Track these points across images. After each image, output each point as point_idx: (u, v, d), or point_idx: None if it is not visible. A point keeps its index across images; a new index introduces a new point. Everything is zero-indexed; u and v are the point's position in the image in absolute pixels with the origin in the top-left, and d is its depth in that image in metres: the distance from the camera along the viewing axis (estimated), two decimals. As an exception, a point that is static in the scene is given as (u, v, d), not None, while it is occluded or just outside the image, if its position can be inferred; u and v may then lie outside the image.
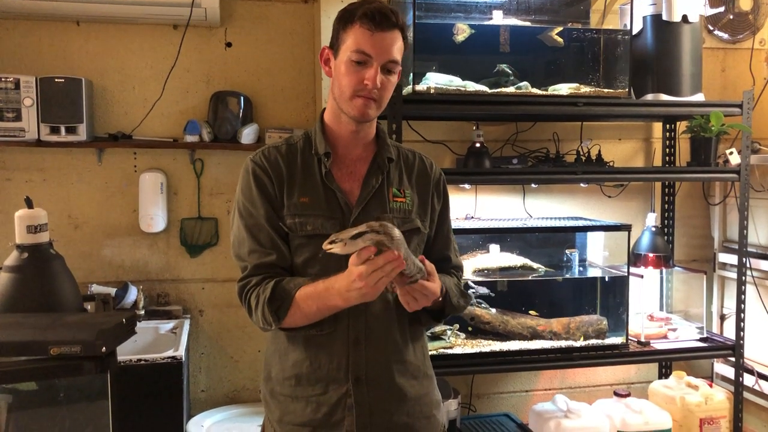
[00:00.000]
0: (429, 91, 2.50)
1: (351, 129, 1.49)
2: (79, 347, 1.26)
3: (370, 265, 1.25)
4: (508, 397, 3.13)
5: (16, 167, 2.72)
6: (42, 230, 1.56)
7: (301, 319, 1.41)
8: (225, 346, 2.93)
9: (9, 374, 1.28)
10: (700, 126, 2.75)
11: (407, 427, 1.50)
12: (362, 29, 1.39)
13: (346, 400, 1.44)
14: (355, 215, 1.46)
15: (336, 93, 1.47)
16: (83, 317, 1.44)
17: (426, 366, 1.58)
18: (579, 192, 3.07)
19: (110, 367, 1.31)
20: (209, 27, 2.84)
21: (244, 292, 1.45)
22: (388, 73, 1.43)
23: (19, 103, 2.55)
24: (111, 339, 1.34)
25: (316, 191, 1.47)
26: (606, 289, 2.85)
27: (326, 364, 1.45)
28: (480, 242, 2.78)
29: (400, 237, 1.28)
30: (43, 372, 1.29)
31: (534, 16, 2.79)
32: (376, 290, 1.27)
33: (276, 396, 1.51)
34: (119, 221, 2.81)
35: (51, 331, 1.30)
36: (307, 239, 1.43)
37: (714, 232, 3.20)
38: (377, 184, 1.50)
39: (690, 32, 2.73)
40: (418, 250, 1.54)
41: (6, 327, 1.34)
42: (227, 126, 2.78)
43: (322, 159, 1.48)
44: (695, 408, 2.78)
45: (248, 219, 1.46)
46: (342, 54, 1.43)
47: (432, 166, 1.61)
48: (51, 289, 1.49)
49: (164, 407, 2.39)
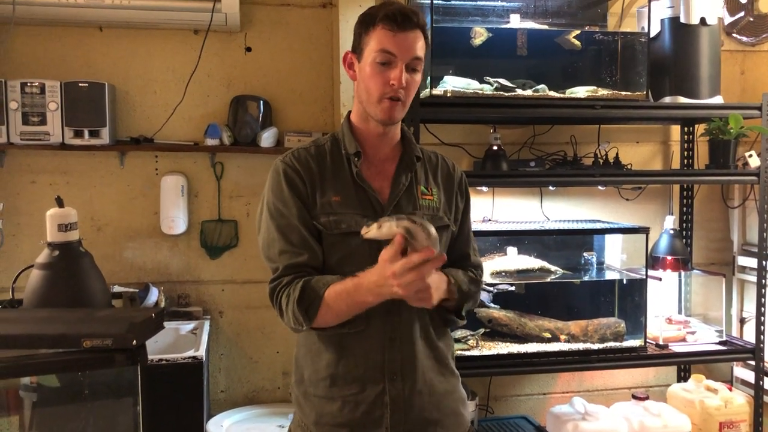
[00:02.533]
0: (446, 94, 2.53)
1: (378, 131, 1.52)
2: (110, 340, 1.29)
3: (407, 263, 1.24)
4: (526, 399, 3.13)
5: (41, 170, 2.77)
6: (72, 228, 1.60)
7: (332, 318, 1.41)
8: (244, 347, 2.96)
9: (43, 366, 1.31)
10: (718, 128, 2.75)
11: (438, 422, 1.51)
12: (385, 30, 1.41)
13: (383, 398, 1.45)
14: (388, 213, 1.47)
15: (362, 96, 1.48)
16: (114, 312, 1.48)
17: (451, 364, 1.59)
18: (596, 195, 3.08)
19: (140, 359, 1.34)
20: (229, 32, 2.88)
21: (275, 293, 1.44)
22: (412, 72, 1.45)
23: (44, 107, 2.59)
24: (141, 332, 1.37)
25: (347, 190, 1.48)
26: (624, 292, 2.85)
27: (362, 363, 1.45)
28: (497, 245, 2.79)
29: (436, 236, 1.28)
30: (76, 364, 1.32)
31: (551, 19, 2.80)
32: (409, 290, 1.27)
33: (310, 398, 1.50)
34: (141, 223, 2.85)
35: (83, 325, 1.33)
36: (341, 237, 1.44)
37: (733, 235, 3.19)
38: (407, 182, 1.52)
39: (708, 35, 2.73)
40: (446, 248, 1.55)
41: (39, 321, 1.37)
42: (247, 129, 2.82)
43: (352, 158, 1.50)
44: (714, 411, 2.76)
45: (279, 219, 1.46)
46: (366, 56, 1.44)
47: (454, 167, 1.64)
48: (81, 285, 1.53)
49: (185, 407, 2.40)
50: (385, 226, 1.23)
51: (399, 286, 1.26)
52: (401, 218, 1.24)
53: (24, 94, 2.58)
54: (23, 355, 1.31)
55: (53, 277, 1.53)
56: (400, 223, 1.23)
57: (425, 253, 1.24)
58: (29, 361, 1.29)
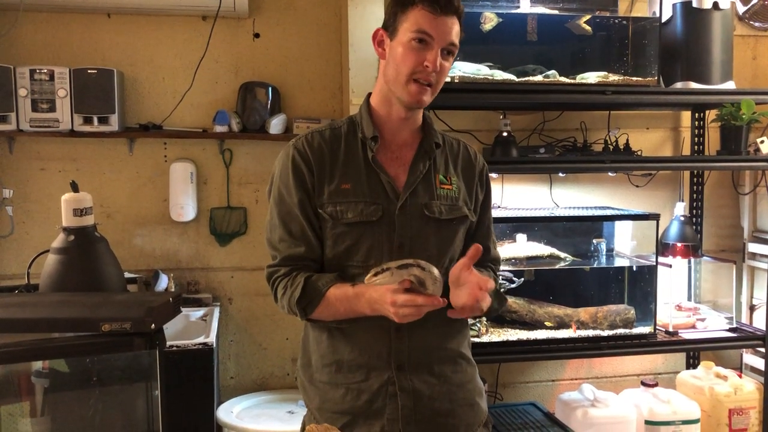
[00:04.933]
0: (455, 80, 2.51)
1: (401, 115, 1.48)
2: (129, 324, 1.29)
3: (410, 300, 1.27)
4: (535, 386, 3.13)
5: (50, 157, 2.77)
6: (87, 213, 1.60)
7: (328, 316, 1.44)
8: (254, 333, 2.96)
9: (62, 349, 1.31)
10: (730, 114, 2.73)
11: (450, 413, 1.49)
12: (425, 11, 1.39)
13: (388, 388, 1.44)
14: (403, 200, 1.45)
15: (390, 76, 1.45)
16: (132, 296, 1.48)
17: (468, 353, 1.57)
18: (606, 181, 3.06)
19: (159, 343, 1.34)
20: (237, 18, 2.86)
21: (272, 280, 1.47)
22: (447, 57, 1.43)
23: (54, 94, 2.59)
24: (160, 316, 1.37)
25: (358, 176, 1.46)
26: (634, 279, 2.84)
27: (367, 352, 1.45)
28: (507, 231, 2.78)
29: (441, 279, 1.30)
30: (95, 348, 1.32)
31: (562, 4, 2.77)
32: (402, 320, 1.30)
33: (315, 383, 1.50)
34: (150, 210, 2.85)
35: (102, 309, 1.33)
36: (349, 227, 1.43)
37: (744, 221, 3.18)
38: (424, 170, 1.49)
39: (721, 19, 2.70)
40: (463, 239, 1.54)
41: (58, 305, 1.37)
42: (256, 116, 2.81)
43: (368, 143, 1.47)
44: (724, 398, 2.76)
45: (281, 206, 1.47)
46: (401, 35, 1.41)
47: (476, 156, 1.61)
48: (96, 270, 1.53)
49: (196, 393, 2.42)
50: (397, 274, 1.28)
51: (395, 314, 1.30)
52: (411, 266, 1.28)
53: (33, 81, 2.57)
54: (41, 339, 1.31)
55: (69, 262, 1.53)
56: (410, 272, 1.27)
57: (430, 300, 1.27)
58: (47, 344, 1.29)
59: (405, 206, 1.45)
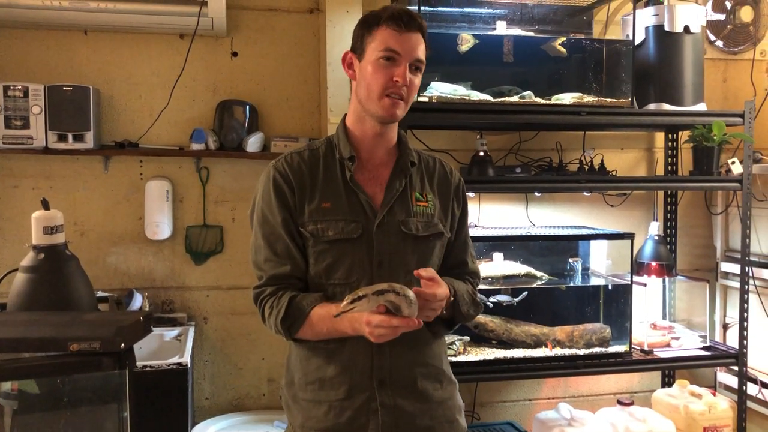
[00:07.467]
0: (432, 100, 2.53)
1: (375, 131, 1.51)
2: (98, 343, 1.27)
3: (385, 321, 1.29)
4: (512, 405, 3.13)
5: (23, 174, 2.73)
6: (58, 231, 1.57)
7: (312, 336, 1.46)
8: (229, 353, 2.93)
9: (29, 370, 1.28)
10: (702, 135, 2.78)
11: (430, 429, 1.50)
12: (389, 30, 1.43)
13: (369, 404, 1.45)
14: (380, 218, 1.48)
15: (362, 95, 1.48)
16: (101, 315, 1.45)
17: (448, 370, 1.59)
18: (582, 201, 3.10)
19: (129, 363, 1.32)
20: (216, 36, 2.86)
21: (258, 300, 1.49)
22: (415, 71, 1.47)
23: (28, 111, 2.56)
24: (129, 336, 1.35)
25: (338, 196, 1.48)
26: (609, 298, 2.87)
27: (350, 369, 1.46)
28: (484, 250, 2.80)
29: (416, 301, 1.32)
30: (63, 368, 1.29)
31: (537, 26, 2.83)
32: (378, 339, 1.32)
33: (298, 401, 1.51)
34: (125, 228, 2.82)
35: (70, 328, 1.30)
36: (329, 244, 1.45)
37: (716, 241, 3.23)
38: (401, 188, 1.52)
39: (692, 43, 2.77)
40: (441, 255, 1.57)
41: (26, 324, 1.34)
42: (233, 134, 2.80)
43: (346, 163, 1.50)
44: (699, 417, 2.78)
45: (265, 226, 1.49)
46: (369, 55, 1.45)
47: (452, 172, 1.64)
48: (67, 289, 1.50)
49: (169, 414, 2.37)
50: (372, 300, 1.29)
51: (370, 333, 1.32)
52: (386, 292, 1.29)
53: (6, 97, 2.54)
54: (7, 359, 1.28)
55: (39, 281, 1.50)
56: (385, 297, 1.29)
57: (405, 322, 1.30)
58: (14, 365, 1.26)
59: (383, 224, 1.48)
